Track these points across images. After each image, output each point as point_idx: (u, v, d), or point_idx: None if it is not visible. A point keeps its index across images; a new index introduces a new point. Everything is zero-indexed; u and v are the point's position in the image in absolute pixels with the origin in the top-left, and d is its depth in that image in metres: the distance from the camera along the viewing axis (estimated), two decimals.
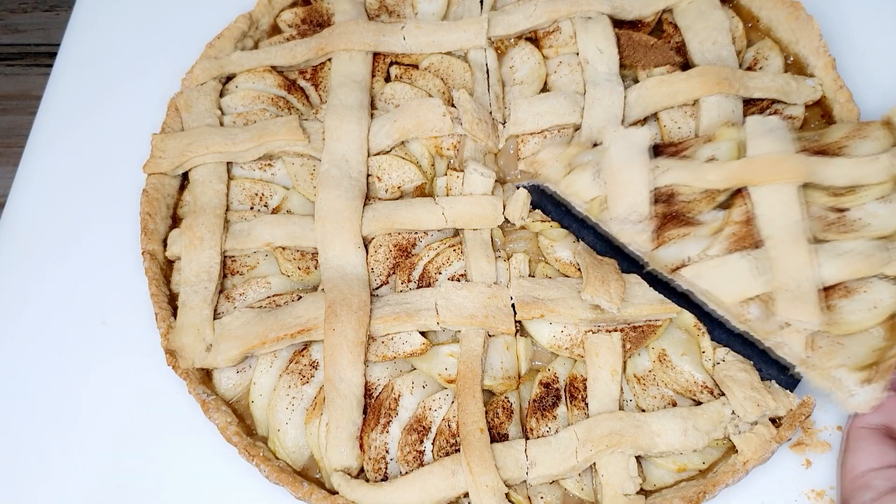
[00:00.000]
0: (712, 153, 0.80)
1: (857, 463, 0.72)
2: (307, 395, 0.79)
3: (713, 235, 0.77)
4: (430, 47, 0.95)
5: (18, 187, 0.96)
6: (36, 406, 0.83)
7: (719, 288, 0.75)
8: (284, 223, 0.86)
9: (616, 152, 0.79)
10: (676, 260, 0.77)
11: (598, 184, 0.79)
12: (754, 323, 0.74)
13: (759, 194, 0.77)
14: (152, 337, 0.83)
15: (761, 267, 0.74)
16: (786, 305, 0.72)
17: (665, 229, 0.77)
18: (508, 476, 0.73)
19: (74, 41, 1.06)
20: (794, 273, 0.73)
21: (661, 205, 0.78)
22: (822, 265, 0.74)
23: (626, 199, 0.78)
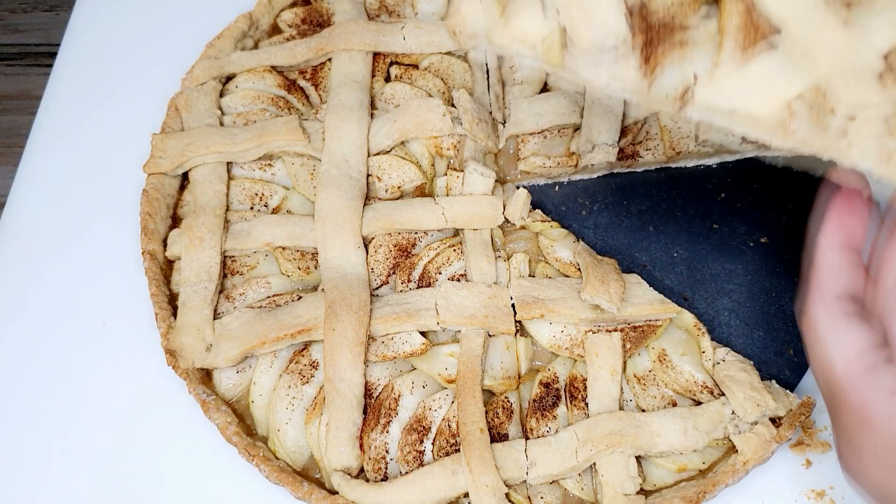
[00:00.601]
0: None
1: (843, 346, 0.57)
2: (307, 395, 0.79)
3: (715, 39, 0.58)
4: (430, 47, 0.95)
5: (18, 187, 0.96)
6: (35, 406, 0.83)
7: (749, 100, 0.54)
8: (284, 223, 0.86)
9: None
10: (681, 84, 0.57)
11: (550, 14, 0.58)
12: (805, 133, 0.55)
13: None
14: (152, 337, 0.83)
15: (794, 55, 0.55)
16: (850, 90, 0.53)
17: (655, 46, 0.57)
18: (508, 476, 0.73)
19: (74, 41, 1.06)
20: (838, 48, 0.54)
21: (637, 19, 0.57)
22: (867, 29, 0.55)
23: (594, 18, 0.56)
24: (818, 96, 0.55)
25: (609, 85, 0.58)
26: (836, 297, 0.59)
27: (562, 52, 0.59)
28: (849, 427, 0.56)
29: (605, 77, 0.58)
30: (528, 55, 0.60)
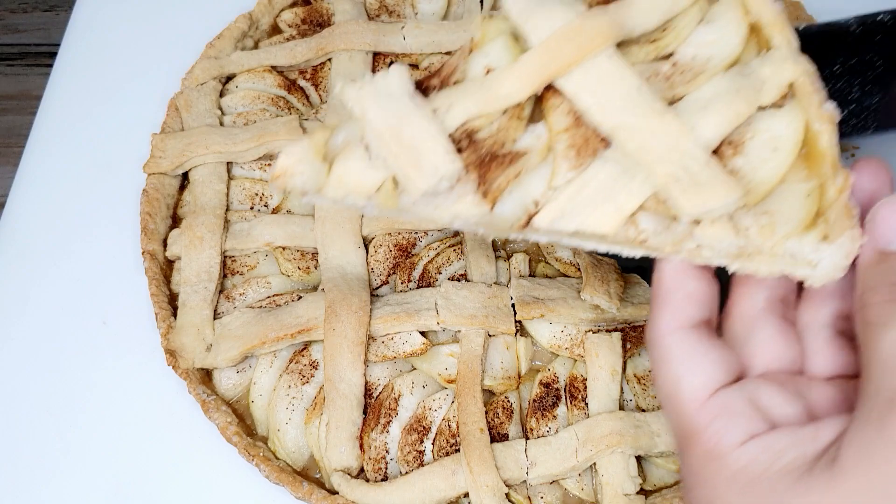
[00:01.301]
0: (485, 63, 0.58)
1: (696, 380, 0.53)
2: (307, 395, 0.79)
3: (547, 158, 0.56)
4: (430, 47, 0.95)
5: (18, 187, 0.96)
6: (33, 405, 0.83)
7: (590, 220, 0.54)
8: (284, 223, 0.86)
9: (377, 113, 0.55)
10: (523, 211, 0.56)
11: (378, 163, 0.55)
12: (655, 240, 0.55)
13: (573, 83, 0.55)
14: (152, 337, 0.83)
15: (628, 167, 0.54)
16: (687, 198, 0.52)
17: (490, 178, 0.55)
18: (508, 476, 0.73)
19: (74, 41, 1.06)
20: (672, 153, 0.54)
21: (466, 153, 0.55)
22: (695, 128, 0.55)
23: (423, 164, 0.54)
24: (659, 205, 0.54)
25: (452, 222, 0.57)
26: (688, 321, 0.55)
27: (397, 198, 0.56)
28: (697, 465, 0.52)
29: (447, 216, 0.56)
30: (363, 204, 0.57)
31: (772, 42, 0.58)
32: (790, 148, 0.55)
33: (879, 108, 0.69)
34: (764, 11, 0.58)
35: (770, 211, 0.54)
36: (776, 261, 0.54)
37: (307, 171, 0.55)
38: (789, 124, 0.56)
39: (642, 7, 0.58)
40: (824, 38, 0.72)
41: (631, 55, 0.58)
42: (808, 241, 0.53)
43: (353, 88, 0.55)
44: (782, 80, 0.56)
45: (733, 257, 0.55)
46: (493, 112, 0.56)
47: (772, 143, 0.55)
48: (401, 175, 0.54)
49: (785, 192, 0.55)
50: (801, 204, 0.55)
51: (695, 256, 0.55)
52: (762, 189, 0.55)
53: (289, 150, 0.55)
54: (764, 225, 0.53)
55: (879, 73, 0.70)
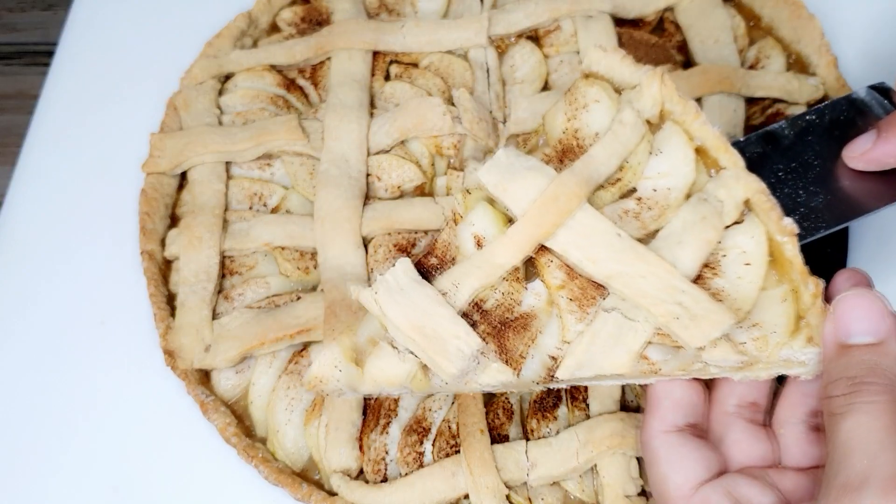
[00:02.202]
0: (472, 233, 0.64)
1: (679, 478, 0.59)
2: (306, 396, 0.79)
3: (552, 314, 0.62)
4: (430, 46, 0.94)
5: (16, 187, 0.95)
6: (31, 405, 0.83)
7: (606, 365, 0.60)
8: (284, 223, 0.85)
9: (395, 310, 0.60)
10: (544, 369, 0.61)
11: (405, 356, 0.61)
12: (666, 368, 0.60)
13: (559, 242, 0.61)
14: (151, 337, 0.83)
15: (629, 311, 0.60)
16: (689, 333, 0.58)
17: (509, 346, 0.61)
18: (509, 477, 0.73)
19: (72, 40, 1.06)
20: (665, 295, 0.59)
21: (480, 326, 0.61)
22: (676, 263, 0.60)
23: (449, 351, 0.59)
24: (664, 338, 0.60)
25: (483, 388, 0.62)
26: (674, 425, 0.62)
27: (428, 382, 0.62)
28: None
29: (477, 387, 0.62)
30: (397, 391, 0.63)
31: (720, 163, 0.63)
32: (760, 260, 0.61)
33: (824, 207, 0.73)
34: (706, 136, 0.63)
35: (758, 323, 0.60)
36: (773, 367, 0.60)
37: (342, 376, 0.62)
38: (753, 237, 0.61)
39: (600, 157, 0.64)
40: (764, 145, 0.77)
41: (599, 199, 0.64)
42: (797, 346, 0.59)
43: (368, 292, 0.62)
44: (738, 199, 0.62)
45: (736, 370, 0.61)
46: (495, 281, 0.62)
47: (743, 259, 0.61)
48: (430, 363, 0.60)
49: (764, 300, 0.61)
50: (780, 309, 0.60)
51: (703, 374, 0.62)
52: (747, 305, 0.60)
53: (321, 358, 0.62)
54: (757, 338, 0.59)
55: (818, 173, 0.74)
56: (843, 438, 0.51)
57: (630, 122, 0.64)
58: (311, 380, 0.62)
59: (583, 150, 0.65)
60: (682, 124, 0.64)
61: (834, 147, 0.75)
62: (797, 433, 0.62)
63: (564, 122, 0.67)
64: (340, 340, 0.62)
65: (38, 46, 1.85)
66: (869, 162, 0.72)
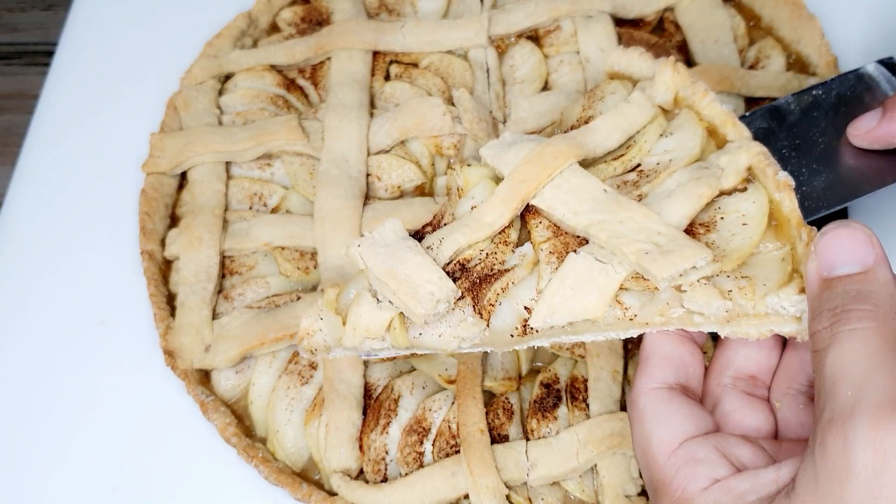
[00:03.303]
0: (471, 204, 0.65)
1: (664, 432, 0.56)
2: (306, 395, 0.79)
3: (533, 272, 0.62)
4: (430, 46, 0.94)
5: (16, 187, 0.95)
6: (31, 405, 0.83)
7: (578, 308, 0.59)
8: (283, 223, 0.85)
9: (374, 259, 0.61)
10: (518, 319, 0.61)
11: (384, 304, 0.61)
12: (643, 314, 0.59)
13: (545, 199, 0.62)
14: (151, 337, 0.83)
15: (603, 256, 0.59)
16: (659, 264, 0.56)
17: (480, 296, 0.61)
18: (509, 477, 0.72)
19: (72, 40, 1.06)
20: (641, 234, 0.58)
21: (460, 281, 0.62)
22: (661, 213, 0.60)
23: (420, 293, 0.59)
24: (639, 281, 0.59)
25: (460, 346, 0.61)
26: (664, 382, 0.59)
27: (406, 334, 0.62)
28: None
29: (453, 341, 0.61)
30: (379, 346, 0.63)
31: (727, 138, 0.63)
32: (759, 219, 0.60)
33: (826, 187, 0.72)
34: (715, 113, 0.64)
35: (750, 276, 0.59)
36: (763, 321, 0.58)
37: (324, 326, 0.63)
38: (754, 202, 0.61)
39: (602, 130, 0.65)
40: (770, 121, 0.77)
41: (600, 172, 0.65)
42: (787, 295, 0.57)
43: (354, 245, 0.63)
44: (740, 164, 0.61)
45: (723, 321, 0.58)
46: (481, 240, 0.63)
47: (740, 220, 0.61)
48: (403, 307, 0.60)
49: (761, 259, 0.60)
50: (777, 267, 0.59)
51: (686, 323, 0.59)
52: (737, 255, 0.59)
53: (307, 313, 0.64)
54: (744, 287, 0.58)
55: (822, 151, 0.74)
56: (828, 372, 0.47)
57: (638, 101, 0.65)
58: (300, 335, 0.64)
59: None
60: (692, 106, 0.65)
61: (839, 123, 0.74)
62: (795, 405, 0.59)
63: (580, 112, 0.69)
64: (326, 294, 0.64)
65: (38, 46, 1.85)
66: (873, 140, 0.71)
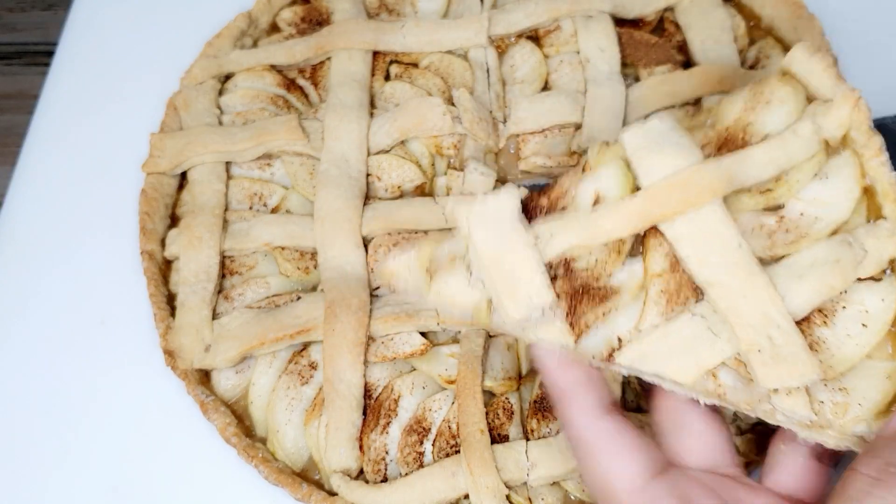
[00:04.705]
0: (595, 188, 0.60)
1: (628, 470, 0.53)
2: (306, 395, 0.79)
3: (638, 297, 0.58)
4: (430, 46, 0.94)
5: (16, 187, 0.95)
6: (30, 405, 0.83)
7: (670, 368, 0.56)
8: (283, 223, 0.85)
9: (482, 236, 0.58)
10: (606, 346, 0.57)
11: (476, 284, 0.58)
12: (732, 396, 0.56)
13: (675, 230, 0.57)
14: (151, 337, 0.83)
15: (715, 325, 0.56)
16: (766, 371, 0.53)
17: (580, 312, 0.57)
18: (509, 477, 0.72)
19: (72, 40, 1.06)
20: (759, 323, 0.55)
21: (561, 281, 0.57)
22: (786, 296, 0.55)
23: (518, 295, 0.56)
24: (741, 366, 0.55)
25: (537, 341, 0.58)
26: (602, 407, 0.56)
27: (490, 316, 0.58)
28: None
29: (533, 338, 0.58)
30: (457, 315, 0.60)
31: (883, 211, 0.58)
32: (879, 327, 0.55)
33: None
34: (880, 178, 0.58)
35: (847, 388, 0.55)
36: (845, 438, 0.55)
37: (411, 279, 0.60)
38: (884, 300, 0.56)
39: (757, 160, 0.58)
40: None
41: (740, 203, 0.59)
42: (877, 427, 0.53)
43: (464, 208, 0.58)
44: (884, 255, 0.56)
45: (804, 427, 0.55)
46: (593, 245, 0.58)
47: (862, 318, 0.56)
48: (496, 300, 0.57)
49: (866, 368, 0.55)
50: (880, 384, 0.55)
51: (769, 418, 0.56)
52: (844, 366, 0.55)
53: (399, 256, 0.60)
54: (838, 402, 0.54)
55: None
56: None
57: (805, 135, 0.59)
58: (383, 271, 0.61)
59: (744, 147, 0.60)
60: (860, 157, 0.59)
61: None
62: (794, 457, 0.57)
63: (740, 111, 0.61)
64: (421, 248, 0.60)
65: (38, 46, 1.85)
66: None
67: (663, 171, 0.58)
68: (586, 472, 0.56)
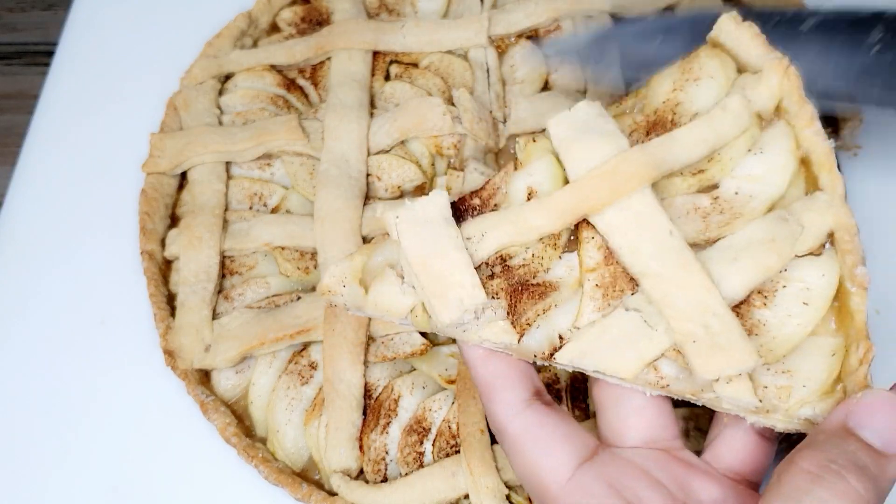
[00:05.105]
0: (528, 184, 0.59)
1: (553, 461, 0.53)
2: (306, 395, 0.79)
3: (577, 292, 0.57)
4: (430, 46, 0.94)
5: (16, 187, 0.95)
6: (30, 405, 0.83)
7: (610, 364, 0.54)
8: (283, 223, 0.85)
9: (410, 241, 0.56)
10: (548, 344, 0.56)
11: (408, 289, 0.57)
12: (675, 386, 0.54)
13: (606, 221, 0.56)
14: (151, 337, 0.83)
15: (651, 316, 0.54)
16: (702, 361, 0.52)
17: (520, 309, 0.56)
18: (509, 477, 0.72)
19: (72, 40, 1.06)
20: (695, 312, 0.53)
21: (499, 279, 0.56)
22: (721, 281, 0.54)
23: (449, 298, 0.54)
24: (680, 356, 0.54)
25: (481, 343, 0.57)
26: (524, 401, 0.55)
27: (428, 320, 0.57)
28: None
29: (475, 340, 0.56)
30: (399, 321, 0.59)
31: (819, 182, 0.56)
32: (821, 304, 0.54)
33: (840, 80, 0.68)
34: (815, 148, 0.57)
35: (791, 370, 0.54)
36: (792, 422, 0.54)
37: (346, 293, 0.58)
38: (824, 276, 0.54)
39: (686, 141, 0.57)
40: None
41: (672, 186, 0.58)
42: (822, 409, 0.53)
43: (392, 214, 0.57)
44: (822, 228, 0.55)
45: (751, 412, 0.54)
46: (526, 241, 0.57)
47: (803, 296, 0.54)
48: (428, 305, 0.56)
49: (810, 346, 0.54)
50: (824, 363, 0.53)
51: (715, 405, 0.55)
52: (785, 347, 0.54)
53: (330, 270, 0.59)
54: (781, 387, 0.53)
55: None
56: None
57: (734, 110, 0.57)
58: (321, 289, 0.59)
59: (673, 128, 0.58)
60: (793, 128, 0.57)
61: None
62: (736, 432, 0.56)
63: (669, 92, 0.60)
64: (353, 258, 0.59)
65: (38, 46, 1.85)
66: None
67: (590, 162, 0.57)
68: (516, 467, 0.55)
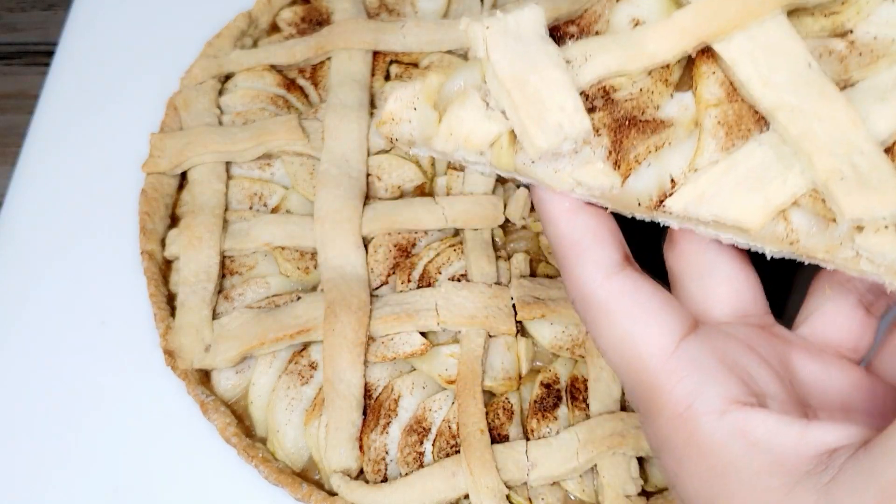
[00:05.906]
0: (634, 13, 0.51)
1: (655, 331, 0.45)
2: (306, 395, 0.79)
3: (693, 133, 0.49)
4: (430, 46, 0.94)
5: (16, 187, 0.95)
6: (31, 405, 0.83)
7: (734, 209, 0.47)
8: (283, 223, 0.85)
9: (502, 56, 0.48)
10: (658, 188, 0.48)
11: (494, 116, 0.48)
12: (807, 242, 0.47)
13: (733, 49, 0.48)
14: (151, 337, 0.83)
15: (785, 155, 0.47)
16: (852, 200, 0.44)
17: (627, 145, 0.48)
18: (509, 477, 0.72)
19: (72, 40, 1.06)
20: (839, 149, 0.46)
21: (601, 113, 0.49)
22: (867, 120, 0.47)
23: (547, 120, 0.46)
24: (817, 203, 0.47)
25: (574, 190, 0.49)
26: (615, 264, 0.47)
27: (513, 156, 0.49)
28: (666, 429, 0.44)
29: (568, 183, 0.49)
30: (475, 160, 0.51)
31: None
32: None
33: None
34: None
35: None
36: None
37: (416, 118, 0.50)
38: None
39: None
40: None
41: (803, 26, 0.51)
42: None
43: (480, 26, 0.48)
44: None
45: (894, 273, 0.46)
46: (636, 71, 0.49)
47: None
48: (519, 130, 0.47)
49: None
50: None
51: (850, 267, 0.47)
52: None
53: (398, 93, 0.50)
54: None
55: None
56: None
57: None
58: (383, 117, 0.51)
59: None
60: None
61: None
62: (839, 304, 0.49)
63: None
64: (427, 79, 0.50)
65: (38, 46, 1.85)
66: None
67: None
68: (602, 338, 0.47)
